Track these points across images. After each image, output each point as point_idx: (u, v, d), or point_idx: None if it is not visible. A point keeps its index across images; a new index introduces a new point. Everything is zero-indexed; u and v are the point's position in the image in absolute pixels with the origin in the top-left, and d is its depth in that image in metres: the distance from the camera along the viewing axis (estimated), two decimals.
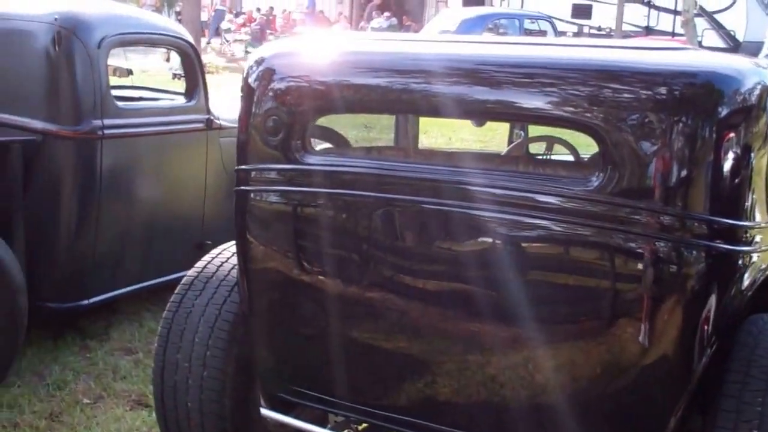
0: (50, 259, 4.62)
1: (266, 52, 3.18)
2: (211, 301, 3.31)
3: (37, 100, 4.66)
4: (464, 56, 2.93)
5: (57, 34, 4.57)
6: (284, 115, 3.02)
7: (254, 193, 3.10)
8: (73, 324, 4.91)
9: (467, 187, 2.75)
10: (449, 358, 2.91)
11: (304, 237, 3.08)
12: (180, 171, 5.33)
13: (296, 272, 3.08)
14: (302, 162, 3.00)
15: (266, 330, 3.20)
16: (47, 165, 4.60)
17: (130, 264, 4.95)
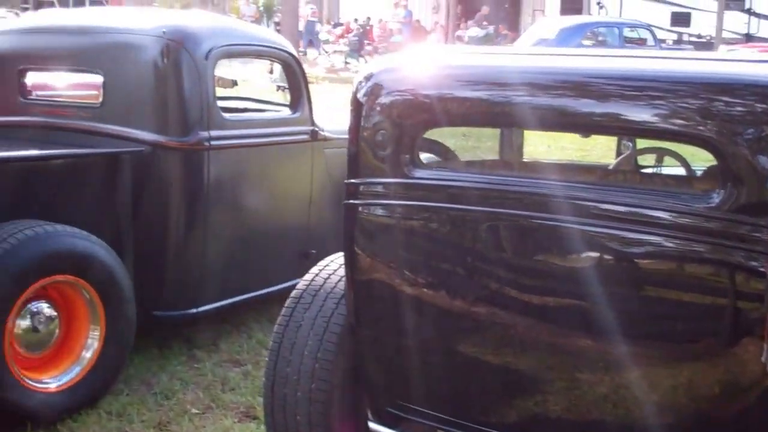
0: (158, 269, 4.70)
1: (375, 68, 3.20)
2: (320, 313, 3.32)
3: (146, 112, 4.75)
4: (572, 69, 2.90)
5: (165, 47, 4.65)
6: (392, 129, 3.03)
7: (363, 207, 3.10)
8: (180, 333, 4.97)
9: (578, 202, 2.70)
10: (559, 375, 2.86)
11: (412, 251, 3.06)
12: (285, 182, 5.37)
13: (404, 286, 3.07)
14: (411, 176, 2.99)
15: (374, 343, 3.20)
16: (156, 176, 4.68)
17: (236, 274, 5.01)
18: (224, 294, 4.93)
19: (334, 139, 5.48)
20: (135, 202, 4.59)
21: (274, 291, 5.17)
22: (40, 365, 4.12)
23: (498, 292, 2.92)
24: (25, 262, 3.89)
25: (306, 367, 3.24)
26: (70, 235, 4.09)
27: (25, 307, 3.98)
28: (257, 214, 5.13)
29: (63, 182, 4.47)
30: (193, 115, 4.69)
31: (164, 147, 4.65)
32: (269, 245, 5.19)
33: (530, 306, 2.87)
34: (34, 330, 4.04)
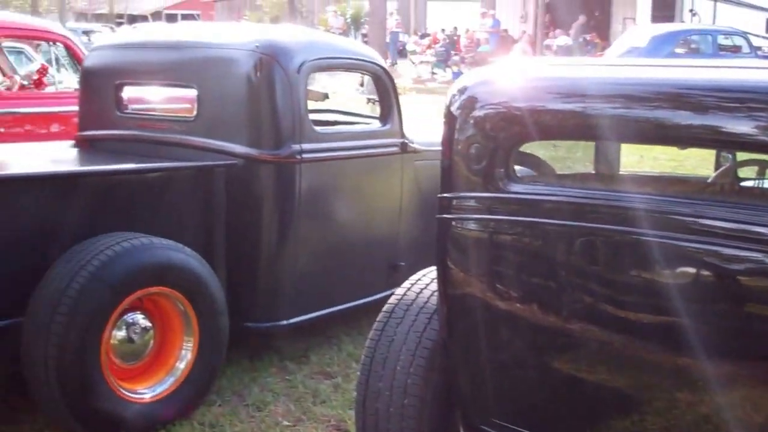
0: (250, 280, 4.73)
1: (468, 81, 3.17)
2: (412, 328, 3.29)
3: (239, 126, 4.79)
4: (669, 80, 2.83)
5: (258, 61, 4.69)
6: (487, 143, 2.99)
7: (456, 221, 3.07)
8: (271, 345, 5.00)
9: (677, 217, 2.63)
10: (657, 394, 2.79)
11: (507, 266, 3.02)
12: (375, 194, 5.37)
13: (498, 301, 3.03)
14: (506, 190, 2.95)
15: (467, 359, 3.16)
16: (248, 188, 4.72)
17: (327, 286, 5.02)
18: (315, 306, 4.95)
19: (423, 151, 5.46)
20: (228, 215, 4.64)
21: (364, 303, 5.17)
22: (135, 376, 4.18)
23: (594, 308, 2.86)
24: (122, 273, 3.96)
25: (398, 383, 3.22)
26: (165, 248, 4.14)
27: (121, 318, 4.05)
28: (347, 226, 5.14)
29: (158, 195, 4.54)
30: (285, 128, 4.72)
31: (257, 160, 4.68)
32: (359, 257, 5.20)
33: (627, 323, 2.80)
34: (130, 341, 4.11)
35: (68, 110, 7.10)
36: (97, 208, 4.28)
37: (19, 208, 4.04)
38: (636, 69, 3.15)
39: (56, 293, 3.85)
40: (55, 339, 3.80)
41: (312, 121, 4.91)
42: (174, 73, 5.19)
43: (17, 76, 8.28)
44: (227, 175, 4.63)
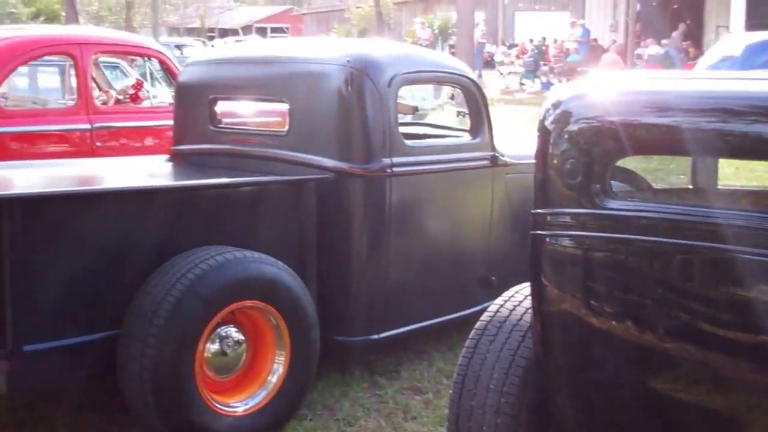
0: (341, 294, 4.74)
1: (562, 94, 3.12)
2: (505, 346, 3.25)
3: (330, 140, 4.81)
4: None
5: (349, 75, 4.71)
6: (582, 158, 2.94)
7: (551, 238, 3.02)
8: (361, 359, 5.00)
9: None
10: (757, 416, 2.70)
11: (604, 284, 2.95)
12: (465, 208, 5.34)
13: (595, 319, 2.97)
14: (603, 206, 2.90)
15: (562, 377, 3.11)
16: (339, 202, 4.73)
17: (417, 300, 5.00)
18: (405, 320, 4.93)
19: (514, 164, 5.41)
20: (318, 228, 4.65)
21: (455, 318, 5.14)
22: (228, 389, 4.22)
23: (691, 327, 2.79)
24: (216, 287, 4.00)
25: (491, 401, 3.18)
26: (258, 261, 4.18)
27: (214, 331, 4.10)
28: (438, 240, 5.12)
29: (251, 209, 4.58)
30: (375, 142, 4.72)
31: (347, 174, 4.70)
32: (449, 272, 5.16)
33: (728, 342, 2.72)
34: (223, 354, 4.15)
35: (162, 124, 7.24)
36: (191, 222, 4.34)
37: (116, 221, 4.11)
38: (733, 82, 3.07)
39: (152, 306, 3.91)
40: (150, 351, 3.86)
41: (402, 135, 4.91)
42: (266, 87, 5.25)
43: (113, 90, 8.47)
44: (318, 189, 4.65)
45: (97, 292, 4.01)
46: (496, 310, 3.40)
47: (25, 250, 3.76)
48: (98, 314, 4.02)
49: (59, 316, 3.92)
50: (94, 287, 4.01)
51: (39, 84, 9.93)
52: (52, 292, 3.90)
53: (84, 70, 7.10)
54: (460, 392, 3.27)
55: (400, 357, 5.12)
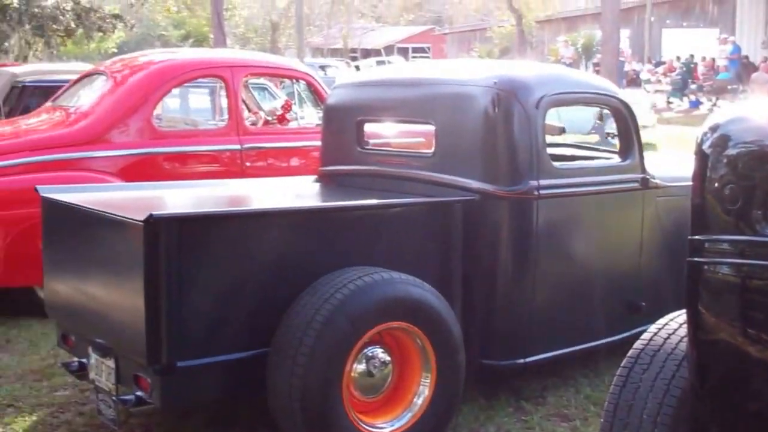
0: (487, 317, 4.71)
1: (720, 118, 3.02)
2: (659, 375, 3.16)
3: (476, 161, 4.79)
4: None
5: (497, 97, 4.69)
6: (742, 183, 2.83)
7: (709, 265, 2.92)
8: (507, 384, 4.95)
9: None
10: None
11: (766, 313, 2.84)
12: (614, 231, 5.23)
13: (755, 350, 2.84)
14: (764, 233, 2.78)
15: (719, 409, 2.99)
16: (484, 224, 4.71)
17: (564, 325, 4.92)
18: (552, 345, 4.85)
19: (665, 187, 5.27)
20: (464, 250, 4.63)
21: (602, 344, 5.03)
22: (374, 410, 4.24)
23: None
24: (364, 307, 4.04)
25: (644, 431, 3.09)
26: (405, 283, 4.19)
27: (361, 351, 4.12)
28: (585, 264, 5.03)
29: (398, 230, 4.60)
30: (522, 164, 4.68)
31: (493, 196, 4.67)
32: (597, 297, 5.06)
33: None
34: (369, 374, 4.17)
35: (308, 145, 7.37)
36: (340, 242, 4.39)
37: (268, 241, 4.20)
38: None
39: (301, 325, 3.97)
40: (299, 370, 3.92)
41: (550, 156, 4.85)
42: (413, 109, 5.27)
43: (262, 112, 8.66)
44: (464, 211, 4.63)
45: (248, 311, 4.10)
46: (650, 337, 3.30)
47: (181, 269, 3.87)
48: (249, 332, 4.10)
49: (212, 334, 4.02)
50: (246, 306, 4.10)
51: (190, 105, 10.26)
52: (205, 310, 4.01)
53: (235, 92, 7.29)
54: (611, 421, 3.18)
55: (546, 382, 5.04)
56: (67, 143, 6.63)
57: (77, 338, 4.57)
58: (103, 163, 6.61)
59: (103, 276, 4.31)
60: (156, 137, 6.93)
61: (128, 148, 6.77)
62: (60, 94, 7.74)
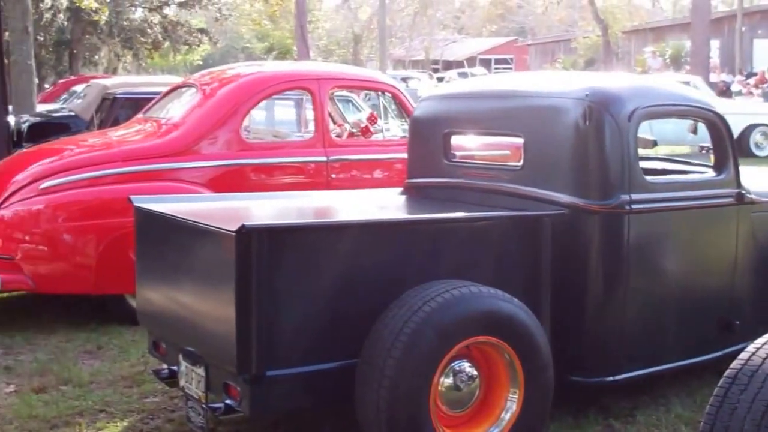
0: (576, 333, 4.64)
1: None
2: (757, 396, 3.07)
3: (566, 175, 4.74)
4: None
5: (587, 109, 4.63)
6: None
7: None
8: (595, 401, 4.86)
9: None
10: None
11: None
12: (707, 247, 5.11)
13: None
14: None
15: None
16: (574, 239, 4.65)
17: (655, 342, 4.83)
18: (642, 363, 4.77)
19: (762, 202, 5.15)
20: (553, 265, 4.58)
21: (694, 363, 4.93)
22: (460, 424, 4.21)
23: None
24: (452, 320, 4.01)
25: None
26: (493, 297, 4.16)
27: (449, 365, 4.10)
28: (677, 280, 4.92)
29: (486, 243, 4.57)
30: (614, 178, 4.62)
31: (584, 210, 4.61)
32: (689, 314, 4.95)
33: None
34: (456, 388, 4.14)
35: (393, 157, 7.39)
36: (428, 255, 4.37)
37: (356, 253, 4.21)
38: None
39: (389, 337, 3.96)
40: (387, 381, 3.91)
41: (642, 170, 4.77)
42: (501, 122, 5.24)
43: (347, 124, 8.71)
44: (553, 225, 4.58)
45: (336, 322, 4.11)
46: (748, 357, 3.21)
47: (271, 279, 3.90)
48: (337, 343, 4.11)
49: (301, 344, 4.05)
50: (334, 317, 4.11)
51: (277, 117, 10.38)
52: (295, 320, 4.03)
53: (321, 105, 7.35)
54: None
55: (636, 400, 4.93)
56: (158, 154, 6.77)
57: (168, 346, 4.64)
58: (192, 174, 6.73)
59: (194, 285, 4.37)
60: (244, 149, 7.02)
61: (217, 159, 6.88)
62: (150, 106, 7.91)
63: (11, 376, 5.48)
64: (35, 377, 5.43)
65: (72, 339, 6.24)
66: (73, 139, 8.48)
